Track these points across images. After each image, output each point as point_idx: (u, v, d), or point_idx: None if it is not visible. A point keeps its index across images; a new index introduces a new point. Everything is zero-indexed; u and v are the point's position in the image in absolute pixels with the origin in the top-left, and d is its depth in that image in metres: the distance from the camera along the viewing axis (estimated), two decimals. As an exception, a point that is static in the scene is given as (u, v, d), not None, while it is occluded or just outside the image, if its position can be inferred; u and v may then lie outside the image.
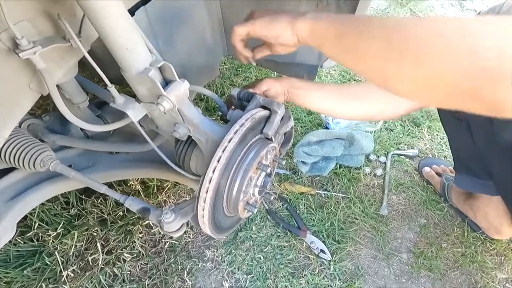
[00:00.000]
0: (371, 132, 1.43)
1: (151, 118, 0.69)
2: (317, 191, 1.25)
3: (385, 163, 1.37)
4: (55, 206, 1.07)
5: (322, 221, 1.17)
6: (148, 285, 0.99)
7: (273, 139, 0.70)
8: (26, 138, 0.73)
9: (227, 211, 0.66)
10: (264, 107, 0.67)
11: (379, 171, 1.33)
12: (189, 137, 0.68)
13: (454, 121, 0.92)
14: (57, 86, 0.75)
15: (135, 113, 0.62)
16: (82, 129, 0.90)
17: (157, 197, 1.17)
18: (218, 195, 0.60)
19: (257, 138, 0.67)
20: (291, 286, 1.02)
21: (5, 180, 0.78)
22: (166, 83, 0.61)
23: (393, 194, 1.27)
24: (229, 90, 1.61)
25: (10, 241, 0.98)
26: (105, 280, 0.97)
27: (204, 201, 0.56)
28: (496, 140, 0.76)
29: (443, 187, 1.21)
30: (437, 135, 1.47)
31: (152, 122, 0.72)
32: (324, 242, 1.11)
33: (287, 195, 1.24)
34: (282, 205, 1.21)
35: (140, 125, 0.87)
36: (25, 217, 1.01)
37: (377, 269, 1.08)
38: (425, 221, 1.19)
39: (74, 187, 0.85)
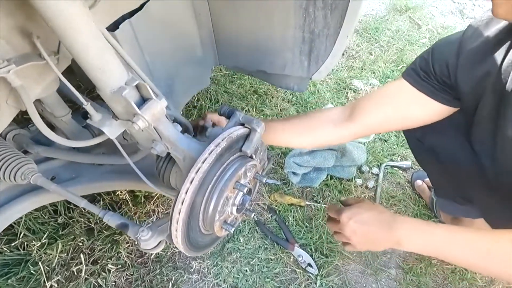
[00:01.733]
0: (364, 143, 1.41)
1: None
2: (307, 203, 1.24)
3: (377, 174, 1.35)
4: (42, 215, 1.07)
5: (310, 233, 1.15)
6: (132, 296, 0.99)
7: (253, 156, 0.70)
8: (7, 151, 0.73)
9: (204, 230, 0.66)
10: (243, 125, 0.66)
11: (371, 183, 1.31)
12: (169, 153, 0.67)
13: (419, 145, 0.91)
14: (39, 100, 0.76)
15: (111, 130, 0.61)
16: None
17: (146, 206, 1.17)
18: (193, 215, 0.60)
19: (236, 156, 0.66)
20: (276, 300, 1.01)
21: (-16, 192, 0.78)
22: (144, 100, 0.61)
23: (385, 207, 1.25)
24: (223, 97, 1.61)
25: (-5, 249, 0.99)
26: (89, 290, 0.97)
27: (177, 222, 0.56)
28: (468, 162, 0.76)
29: (431, 202, 1.19)
30: (432, 146, 1.46)
31: (133, 136, 0.72)
32: (311, 255, 1.10)
33: (276, 206, 1.23)
34: (271, 216, 1.20)
35: (124, 138, 0.87)
36: (12, 225, 1.02)
37: (364, 285, 1.06)
38: (416, 235, 1.17)
39: (56, 199, 0.85)
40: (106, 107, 0.64)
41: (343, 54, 1.91)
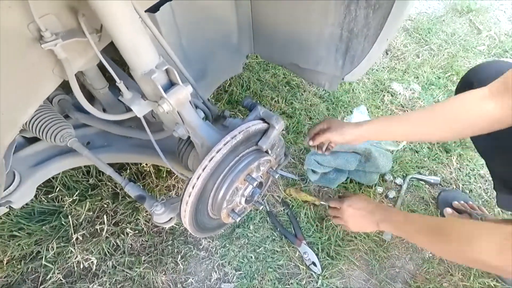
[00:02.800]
0: (391, 152, 1.36)
1: (158, 114, 0.72)
2: (321, 202, 1.23)
3: (401, 185, 1.30)
4: (77, 174, 1.18)
5: (320, 233, 1.16)
6: (144, 260, 1.07)
7: (269, 152, 0.71)
8: (51, 114, 0.81)
9: (211, 214, 0.69)
10: (264, 120, 0.67)
11: (392, 193, 1.26)
12: (189, 136, 0.70)
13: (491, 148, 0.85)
14: (81, 71, 0.82)
15: (140, 108, 0.66)
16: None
17: (167, 180, 1.24)
18: (202, 200, 0.63)
19: (251, 149, 0.68)
20: (275, 291, 1.04)
21: (31, 148, 0.88)
22: (172, 84, 0.64)
23: (402, 220, 1.21)
24: (255, 84, 1.61)
25: (36, 198, 1.12)
26: (108, 249, 1.07)
27: (186, 204, 0.59)
28: None
29: None
30: (467, 165, 1.36)
31: (159, 117, 0.76)
32: (317, 255, 1.11)
33: (290, 200, 1.24)
34: (284, 210, 1.22)
35: (152, 116, 0.92)
36: (50, 180, 1.14)
37: (366, 293, 1.05)
38: (431, 255, 1.12)
39: (88, 163, 0.93)
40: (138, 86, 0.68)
41: (386, 54, 1.81)
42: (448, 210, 1.18)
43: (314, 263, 1.08)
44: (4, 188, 0.80)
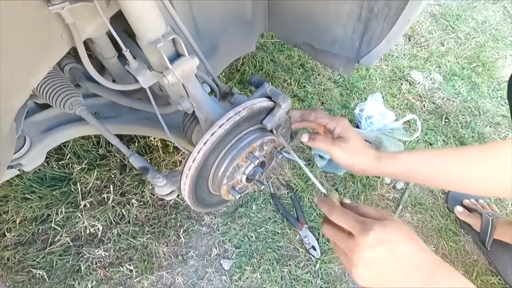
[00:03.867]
0: (404, 142, 1.31)
1: (164, 86, 0.71)
2: (324, 192, 1.22)
3: (410, 177, 1.26)
4: (87, 143, 1.21)
5: (322, 218, 1.15)
6: (147, 231, 1.10)
7: (274, 131, 0.69)
8: (62, 82, 0.82)
9: (212, 190, 0.69)
10: (270, 98, 0.65)
11: (400, 185, 1.24)
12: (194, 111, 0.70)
13: None
14: (91, 39, 0.81)
15: (145, 79, 0.65)
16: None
17: (174, 156, 1.25)
18: (203, 174, 0.63)
19: (255, 127, 0.66)
20: (273, 271, 1.05)
21: (42, 114, 0.89)
22: (179, 55, 0.62)
23: (408, 212, 1.19)
24: (268, 65, 1.58)
25: (47, 163, 1.15)
26: (114, 217, 1.10)
27: (186, 177, 0.59)
28: None
29: (485, 226, 1.04)
30: (483, 161, 1.30)
31: (165, 89, 0.75)
32: (317, 239, 1.11)
33: (294, 184, 1.23)
34: (288, 193, 1.21)
35: (160, 89, 0.91)
36: (62, 147, 1.17)
37: (364, 281, 1.05)
38: (433, 248, 1.10)
39: (97, 132, 0.94)
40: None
41: (409, 40, 1.72)
42: (459, 208, 1.15)
43: (313, 247, 1.09)
44: (15, 151, 0.83)
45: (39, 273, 1.00)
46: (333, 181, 1.25)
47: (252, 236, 1.12)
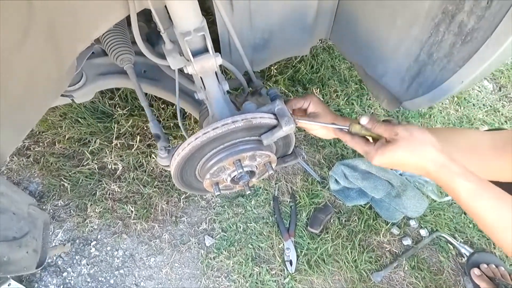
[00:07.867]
0: (432, 201, 1.19)
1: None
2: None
3: (423, 237, 1.16)
4: (134, 92, 1.36)
5: (312, 240, 1.14)
6: (156, 185, 1.23)
7: (271, 148, 0.70)
8: (122, 38, 0.93)
9: (199, 177, 0.75)
10: (276, 116, 0.66)
11: (407, 240, 1.15)
12: (210, 102, 0.74)
13: None
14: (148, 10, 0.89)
15: (174, 61, 0.71)
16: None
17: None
18: (190, 163, 0.68)
19: (254, 138, 0.68)
20: (245, 265, 1.10)
21: (103, 59, 1.03)
22: (205, 51, 0.66)
23: (403, 270, 1.11)
24: (326, 70, 1.52)
25: (102, 98, 1.33)
26: (135, 163, 1.25)
27: (174, 160, 0.66)
28: None
29: None
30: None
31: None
32: (298, 257, 1.11)
33: (299, 196, 1.23)
34: (289, 201, 1.22)
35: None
36: (115, 90, 1.33)
37: (325, 314, 1.05)
38: (412, 318, 1.03)
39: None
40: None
41: (499, 90, 1.47)
42: (476, 271, 1.04)
43: (291, 262, 1.10)
44: (72, 84, 0.98)
45: (67, 184, 1.21)
46: (339, 208, 1.21)
47: (240, 227, 1.17)
